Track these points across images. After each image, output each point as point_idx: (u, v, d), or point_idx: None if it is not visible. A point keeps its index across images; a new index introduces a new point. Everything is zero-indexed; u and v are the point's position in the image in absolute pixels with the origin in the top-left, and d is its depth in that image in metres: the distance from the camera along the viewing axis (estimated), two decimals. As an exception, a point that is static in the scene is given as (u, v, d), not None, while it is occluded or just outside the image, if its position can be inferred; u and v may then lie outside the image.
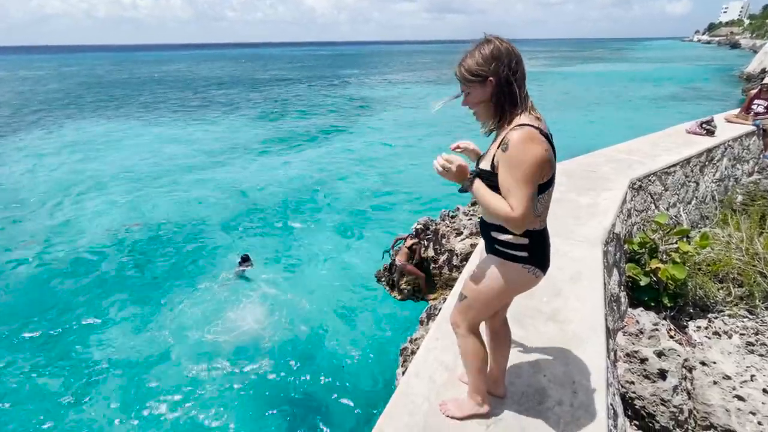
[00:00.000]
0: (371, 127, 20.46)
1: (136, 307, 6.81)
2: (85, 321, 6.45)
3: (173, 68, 67.33)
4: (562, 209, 3.48)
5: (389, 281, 5.12)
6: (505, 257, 1.40)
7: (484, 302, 1.46)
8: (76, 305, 6.85)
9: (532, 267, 1.40)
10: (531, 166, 1.24)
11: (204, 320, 6.37)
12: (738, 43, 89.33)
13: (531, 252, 1.38)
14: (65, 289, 7.35)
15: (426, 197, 10.98)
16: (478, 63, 1.32)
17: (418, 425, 1.58)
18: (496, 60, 1.31)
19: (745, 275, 3.44)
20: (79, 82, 44.77)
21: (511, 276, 1.40)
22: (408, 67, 61.24)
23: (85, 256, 8.45)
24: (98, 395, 5.07)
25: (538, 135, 1.27)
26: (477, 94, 1.36)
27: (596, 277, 2.52)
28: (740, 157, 6.45)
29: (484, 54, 1.32)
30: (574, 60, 72.00)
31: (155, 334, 6.11)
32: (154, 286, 7.44)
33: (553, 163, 1.33)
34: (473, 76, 1.33)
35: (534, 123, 1.29)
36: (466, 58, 1.36)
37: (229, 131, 19.84)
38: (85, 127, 20.79)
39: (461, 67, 1.36)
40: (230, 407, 4.87)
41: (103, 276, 7.78)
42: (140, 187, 12.39)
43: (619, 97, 27.19)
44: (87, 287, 7.39)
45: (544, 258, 1.43)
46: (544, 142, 1.28)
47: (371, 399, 4.94)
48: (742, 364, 2.79)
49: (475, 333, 1.53)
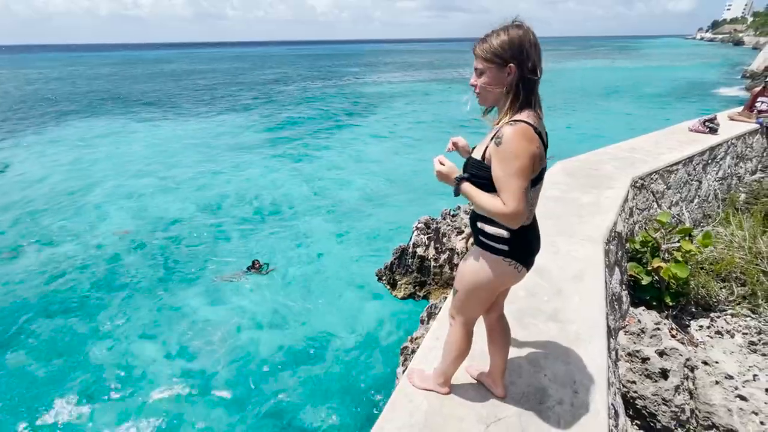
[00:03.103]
0: (371, 125, 20.44)
1: (135, 306, 6.82)
2: (84, 322, 6.46)
3: (175, 67, 67.39)
4: (564, 208, 3.46)
5: (390, 280, 5.11)
6: (488, 249, 1.41)
7: (473, 295, 1.47)
8: (75, 306, 6.88)
9: (513, 261, 1.39)
10: (523, 161, 1.22)
11: (201, 320, 6.38)
12: (741, 41, 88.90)
13: (511, 246, 1.38)
14: (64, 289, 7.37)
15: (427, 196, 10.97)
16: (503, 45, 1.25)
17: (418, 424, 1.57)
18: (522, 48, 1.24)
19: (747, 274, 3.43)
20: (81, 82, 44.85)
21: (492, 268, 1.40)
22: (408, 66, 61.11)
23: (83, 256, 8.46)
24: (94, 396, 5.08)
25: (532, 132, 1.25)
26: (492, 77, 1.29)
27: (598, 276, 2.50)
28: (743, 155, 6.41)
29: (512, 37, 1.25)
30: (577, 58, 71.75)
31: (153, 335, 6.12)
32: (153, 284, 7.46)
33: (542, 160, 1.31)
34: (494, 56, 1.26)
35: (531, 120, 1.27)
36: (491, 36, 1.28)
37: (230, 131, 19.85)
38: (87, 127, 20.84)
39: (484, 44, 1.28)
40: (229, 406, 4.88)
41: (102, 275, 7.80)
42: (141, 187, 12.41)
43: (622, 95, 27.09)
44: (85, 288, 7.41)
45: (527, 254, 1.42)
46: (536, 139, 1.26)
47: (371, 398, 4.95)
48: (745, 363, 2.78)
49: (467, 329, 1.55)
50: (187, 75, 51.60)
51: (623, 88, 30.13)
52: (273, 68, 61.50)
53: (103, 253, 8.57)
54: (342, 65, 65.93)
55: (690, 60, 56.95)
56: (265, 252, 8.42)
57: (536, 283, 2.44)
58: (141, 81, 44.01)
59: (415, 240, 4.86)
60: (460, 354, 1.59)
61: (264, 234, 9.35)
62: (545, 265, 2.61)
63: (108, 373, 5.39)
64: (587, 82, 34.92)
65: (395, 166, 14.10)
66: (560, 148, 7.74)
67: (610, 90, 29.69)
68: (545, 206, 3.49)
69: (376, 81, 40.64)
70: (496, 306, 1.62)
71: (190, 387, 5.13)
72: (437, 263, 4.63)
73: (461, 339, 1.56)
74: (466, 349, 1.58)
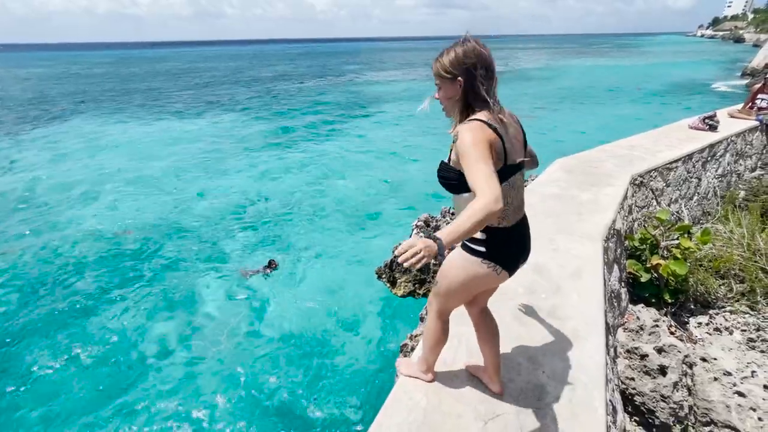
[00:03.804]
0: (369, 124, 20.42)
1: (134, 305, 6.84)
2: (82, 325, 6.46)
3: (174, 66, 67.21)
4: (563, 205, 3.46)
5: (390, 278, 5.12)
6: (467, 250, 1.45)
7: (450, 291, 1.51)
8: (74, 307, 6.89)
9: (492, 263, 1.41)
10: (479, 148, 1.27)
11: (198, 322, 6.40)
12: (742, 38, 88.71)
13: (489, 248, 1.41)
14: (63, 290, 7.38)
15: (426, 194, 10.96)
16: (452, 62, 1.39)
17: (416, 421, 1.58)
18: (467, 62, 1.36)
19: (746, 271, 3.43)
20: (80, 80, 44.77)
21: (471, 269, 1.43)
22: (406, 65, 61.01)
23: (81, 257, 8.47)
24: (96, 394, 5.10)
25: (482, 125, 1.32)
26: (447, 90, 1.42)
27: (596, 273, 2.51)
28: (743, 152, 6.41)
29: (458, 54, 1.38)
30: (577, 55, 71.60)
31: (152, 334, 6.13)
32: (153, 284, 7.47)
33: (505, 153, 1.35)
34: (445, 73, 1.40)
35: (485, 118, 1.34)
36: (443, 54, 1.42)
37: (228, 130, 19.81)
38: (85, 126, 20.81)
39: (437, 62, 1.43)
40: (227, 406, 4.90)
41: (102, 276, 7.81)
42: (141, 186, 12.40)
43: (621, 93, 27.05)
44: (85, 289, 7.42)
45: (506, 257, 1.43)
46: (487, 129, 1.31)
47: (370, 395, 4.96)
48: (743, 360, 2.79)
49: (442, 318, 1.61)
50: (185, 74, 51.48)
51: (623, 85, 30.07)
52: (272, 67, 61.35)
53: (101, 250, 8.59)
54: (342, 63, 65.79)
55: (690, 57, 56.82)
56: (261, 252, 8.43)
57: (535, 280, 2.45)
58: (139, 80, 43.91)
59: (414, 238, 4.87)
60: (437, 342, 1.65)
61: (260, 233, 9.35)
62: (544, 262, 2.62)
63: (112, 363, 5.43)
64: (587, 80, 34.85)
65: (394, 164, 14.09)
66: (561, 146, 7.73)
67: (611, 87, 29.63)
68: (545, 204, 3.49)
69: (375, 78, 40.57)
70: (477, 301, 1.64)
71: (185, 385, 5.16)
72: (437, 261, 4.64)
73: (437, 328, 1.62)
74: (442, 338, 1.64)
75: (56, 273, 7.89)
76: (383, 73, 46.71)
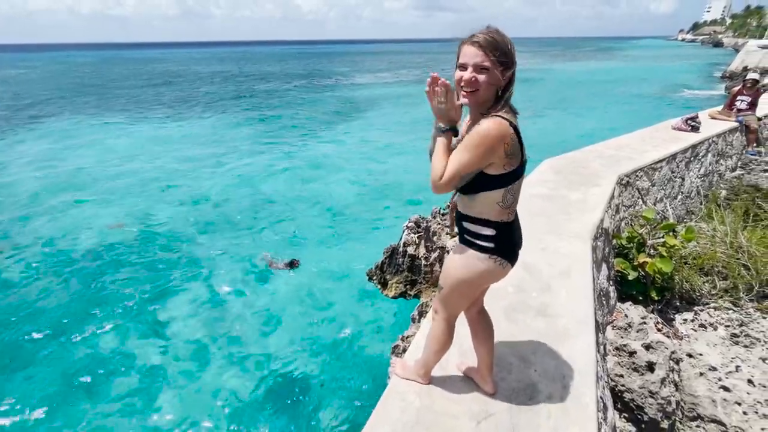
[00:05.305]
0: (358, 126, 20.41)
1: (132, 305, 6.70)
2: (81, 327, 6.31)
3: (160, 67, 66.30)
4: (552, 205, 3.50)
5: (381, 279, 5.11)
6: (473, 247, 1.43)
7: (457, 291, 1.50)
8: (74, 308, 6.74)
9: (499, 258, 1.42)
10: (480, 150, 1.27)
11: (196, 322, 6.30)
12: (721, 42, 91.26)
13: (497, 243, 1.41)
14: (61, 290, 7.21)
15: (416, 195, 10.99)
16: (509, 49, 1.29)
17: (410, 421, 1.57)
18: (515, 53, 1.32)
19: (729, 268, 3.51)
20: (64, 80, 43.81)
21: (478, 265, 1.42)
22: (395, 67, 61.19)
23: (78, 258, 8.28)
24: (100, 393, 5.03)
25: (506, 127, 1.29)
26: (494, 76, 1.29)
27: (585, 271, 2.54)
28: (724, 152, 6.58)
29: (511, 43, 1.30)
30: (563, 58, 72.71)
31: (150, 334, 6.02)
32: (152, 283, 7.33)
33: (517, 155, 1.34)
34: (506, 58, 1.29)
35: (509, 117, 1.32)
36: (496, 35, 1.27)
37: (215, 131, 19.60)
38: (71, 127, 20.36)
39: (494, 42, 1.26)
40: (224, 405, 4.83)
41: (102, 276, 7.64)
42: (129, 187, 12.18)
43: (608, 94, 27.54)
44: (83, 290, 7.25)
45: (512, 250, 1.46)
46: (507, 135, 1.29)
47: (363, 396, 4.94)
48: (727, 355, 2.85)
49: (449, 323, 1.59)
50: (172, 76, 50.78)
51: (609, 88, 30.63)
52: (261, 68, 60.92)
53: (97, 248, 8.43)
54: (330, 65, 65.64)
55: (672, 60, 58.19)
56: (255, 253, 8.34)
57: (524, 279, 2.47)
58: (124, 81, 43.16)
59: (405, 239, 4.87)
60: (442, 347, 1.63)
61: (249, 234, 9.26)
62: (534, 262, 2.64)
63: (105, 370, 5.33)
64: (574, 82, 35.42)
65: (384, 165, 14.10)
66: (549, 146, 7.82)
67: (597, 89, 30.16)
68: (534, 204, 3.53)
69: (365, 81, 40.55)
70: (476, 301, 1.64)
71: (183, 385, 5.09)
72: (428, 262, 4.64)
73: (443, 333, 1.60)
74: (447, 342, 1.62)
75: (54, 266, 7.69)
76: (371, 75, 46.75)
